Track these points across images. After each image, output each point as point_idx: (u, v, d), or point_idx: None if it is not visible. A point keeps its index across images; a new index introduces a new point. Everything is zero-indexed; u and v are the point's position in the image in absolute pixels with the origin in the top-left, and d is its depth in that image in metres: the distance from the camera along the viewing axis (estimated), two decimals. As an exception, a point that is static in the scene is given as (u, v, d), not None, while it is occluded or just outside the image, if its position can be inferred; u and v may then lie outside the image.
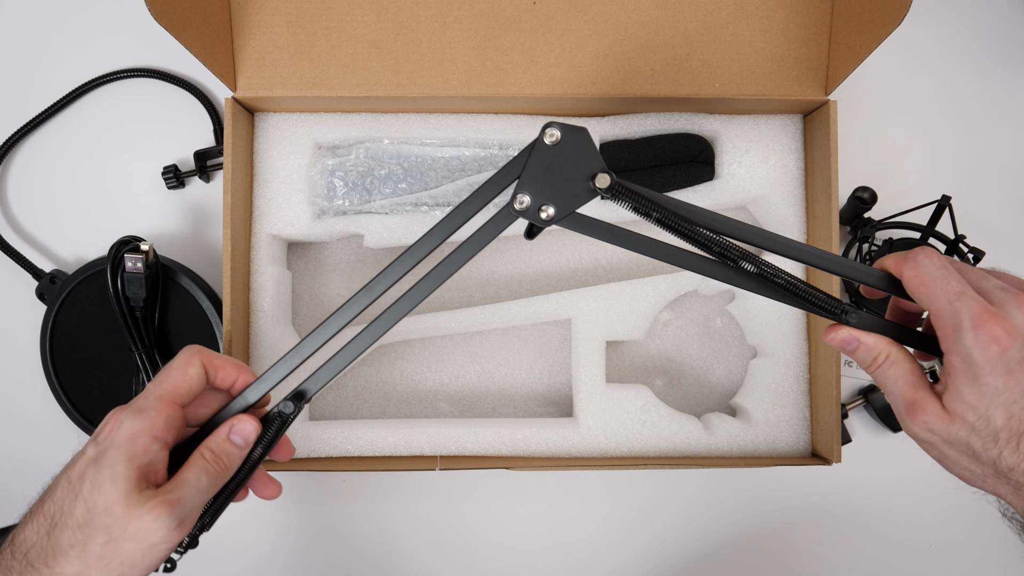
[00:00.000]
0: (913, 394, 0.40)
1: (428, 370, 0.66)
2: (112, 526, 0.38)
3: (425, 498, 0.66)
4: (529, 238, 0.49)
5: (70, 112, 0.67)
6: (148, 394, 0.42)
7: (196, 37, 0.53)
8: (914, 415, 0.39)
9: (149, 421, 0.40)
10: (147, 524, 0.38)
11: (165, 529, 0.38)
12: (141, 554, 0.38)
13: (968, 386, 0.37)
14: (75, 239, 0.66)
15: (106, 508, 0.38)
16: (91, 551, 0.38)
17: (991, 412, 0.37)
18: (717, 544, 0.67)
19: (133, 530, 0.38)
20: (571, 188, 0.43)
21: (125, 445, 0.39)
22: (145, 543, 0.38)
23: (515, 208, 0.44)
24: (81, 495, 0.39)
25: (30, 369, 0.65)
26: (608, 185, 0.43)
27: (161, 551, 0.39)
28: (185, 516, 0.39)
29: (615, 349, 0.66)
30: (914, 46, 0.67)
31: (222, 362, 0.44)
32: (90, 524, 0.38)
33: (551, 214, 0.43)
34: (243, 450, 0.43)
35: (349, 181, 0.61)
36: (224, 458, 0.42)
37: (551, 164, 0.43)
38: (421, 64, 0.59)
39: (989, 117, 0.67)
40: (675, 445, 0.61)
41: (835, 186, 0.57)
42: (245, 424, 0.43)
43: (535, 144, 0.43)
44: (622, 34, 0.59)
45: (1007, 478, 0.38)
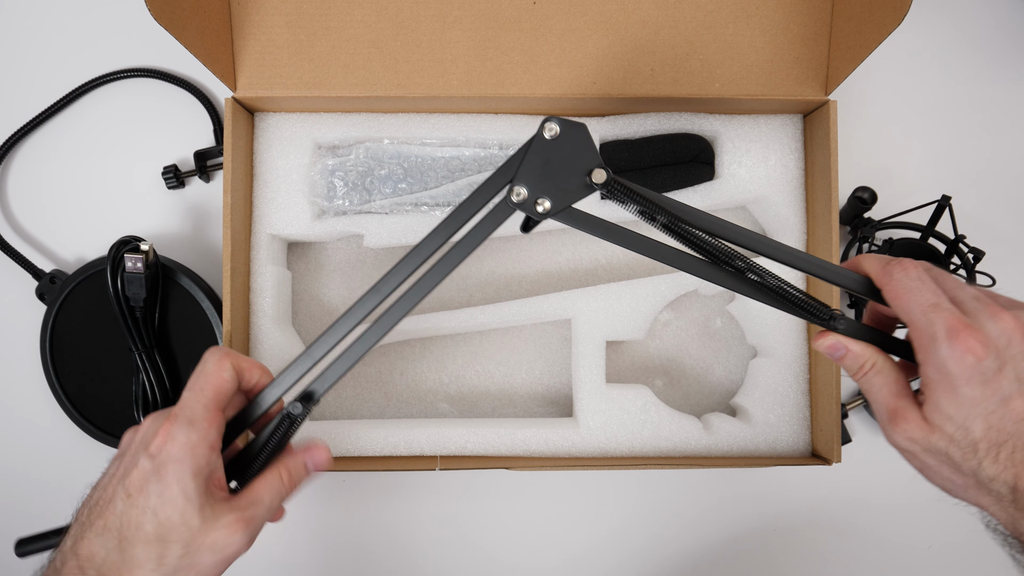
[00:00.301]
0: (895, 403, 0.40)
1: (428, 370, 0.66)
2: (190, 539, 0.39)
3: (425, 498, 0.66)
4: (525, 231, 0.49)
5: (70, 112, 0.67)
6: (193, 403, 0.42)
7: (196, 37, 0.53)
8: (895, 424, 0.40)
9: (203, 432, 0.41)
10: (224, 537, 0.40)
11: (240, 544, 0.40)
12: (215, 565, 0.40)
13: (945, 397, 0.38)
14: (75, 239, 0.66)
15: (182, 522, 0.39)
16: (168, 563, 0.39)
17: (969, 423, 0.37)
18: (717, 544, 0.67)
19: (210, 542, 0.39)
20: (568, 183, 0.44)
21: (187, 459, 0.40)
22: (221, 555, 0.40)
23: (512, 200, 0.44)
24: (149, 509, 0.39)
25: (30, 369, 0.65)
26: (604, 181, 0.43)
27: (231, 560, 0.41)
28: (255, 530, 0.42)
29: (615, 349, 0.66)
30: (914, 46, 0.67)
31: (248, 364, 0.45)
32: (166, 538, 0.39)
33: (547, 207, 0.44)
34: (311, 476, 0.45)
35: (349, 181, 0.61)
36: (298, 480, 0.44)
37: (549, 158, 0.44)
38: (421, 64, 0.59)
39: (989, 117, 0.67)
40: (675, 445, 0.61)
41: (835, 186, 0.57)
42: (321, 454, 0.46)
43: (534, 138, 0.44)
44: (622, 34, 0.59)
45: (988, 488, 0.38)
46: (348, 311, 0.45)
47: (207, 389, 0.42)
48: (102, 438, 0.62)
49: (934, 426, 0.38)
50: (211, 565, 0.40)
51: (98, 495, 0.42)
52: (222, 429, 0.42)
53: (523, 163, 0.44)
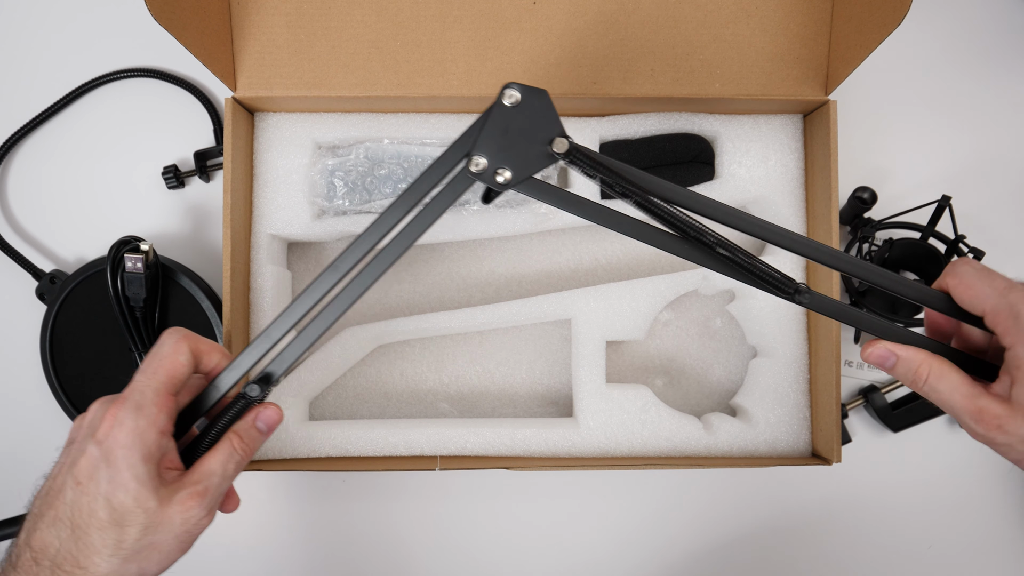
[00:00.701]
0: (975, 403, 0.39)
1: (428, 370, 0.66)
2: (146, 521, 0.39)
3: (425, 498, 0.66)
4: (486, 202, 0.48)
5: (70, 112, 0.67)
6: (143, 387, 0.41)
7: (196, 37, 0.53)
8: (985, 424, 0.38)
9: (151, 418, 0.40)
10: (180, 513, 0.40)
11: (197, 517, 0.40)
12: (177, 541, 0.40)
13: None
14: (75, 239, 0.66)
15: (136, 505, 0.39)
16: (127, 547, 0.39)
17: None
18: (717, 544, 0.67)
19: (167, 521, 0.39)
20: (529, 152, 0.42)
21: (136, 445, 0.39)
22: (180, 530, 0.40)
23: (471, 171, 0.42)
24: (101, 496, 0.39)
25: (30, 369, 0.65)
26: (566, 150, 0.42)
27: (195, 535, 0.41)
28: (213, 502, 0.41)
29: (615, 349, 0.66)
30: (914, 46, 0.67)
31: (208, 347, 0.44)
32: (121, 522, 0.39)
33: (508, 178, 0.42)
34: (265, 435, 0.45)
35: (349, 181, 0.61)
36: (251, 444, 0.44)
37: (509, 127, 0.42)
38: (421, 64, 0.59)
39: (989, 117, 0.67)
40: (675, 445, 0.61)
41: (835, 186, 0.57)
42: (271, 412, 0.45)
43: (493, 105, 0.42)
44: (622, 34, 0.59)
45: None
46: (306, 289, 0.44)
47: (159, 372, 0.42)
48: (102, 438, 0.62)
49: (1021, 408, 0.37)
50: (172, 542, 0.40)
51: (48, 485, 0.41)
52: (172, 413, 0.42)
53: (483, 132, 0.42)
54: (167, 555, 0.40)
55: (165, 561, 0.40)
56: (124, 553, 0.39)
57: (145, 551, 0.39)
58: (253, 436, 0.44)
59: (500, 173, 0.42)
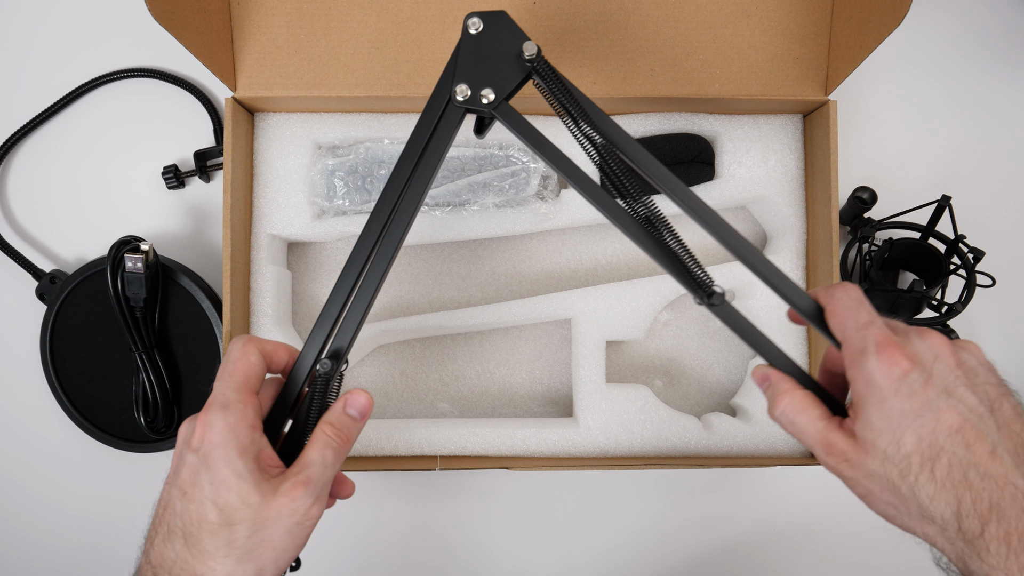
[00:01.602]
0: (826, 436, 0.39)
1: (428, 370, 0.66)
2: (254, 517, 0.38)
3: (425, 498, 0.66)
4: (479, 135, 0.50)
5: (70, 112, 0.67)
6: (224, 389, 0.41)
7: (196, 37, 0.53)
8: (832, 453, 0.39)
9: (240, 414, 0.40)
10: (286, 504, 0.39)
11: (304, 507, 0.39)
12: (289, 535, 0.39)
13: (874, 410, 0.37)
14: (75, 239, 0.66)
15: (241, 502, 0.38)
16: (238, 546, 0.38)
17: (900, 435, 0.36)
18: (717, 544, 0.67)
19: (275, 515, 0.39)
20: (503, 68, 0.45)
21: (229, 442, 0.39)
22: (290, 523, 0.39)
23: (458, 101, 0.45)
24: (207, 500, 0.39)
25: (30, 369, 0.65)
26: (535, 53, 0.44)
27: (306, 528, 0.40)
28: (320, 492, 0.40)
29: (615, 349, 0.66)
30: (914, 46, 0.67)
31: (274, 347, 0.44)
32: (230, 521, 0.38)
33: (492, 98, 0.45)
34: (359, 422, 0.44)
35: (349, 181, 0.61)
36: (344, 430, 0.43)
37: (480, 52, 0.45)
38: (421, 64, 0.59)
39: (989, 117, 0.67)
40: (675, 445, 0.61)
41: (835, 186, 0.57)
42: (359, 396, 0.44)
43: (461, 37, 0.45)
44: (622, 34, 0.59)
45: (931, 516, 0.36)
46: (348, 262, 0.45)
47: (236, 374, 0.42)
48: (102, 438, 0.62)
49: (867, 444, 0.37)
50: (283, 536, 0.39)
51: (159, 505, 0.42)
52: (259, 409, 0.42)
53: (458, 62, 0.45)
54: (281, 551, 0.39)
55: (280, 559, 0.39)
56: (237, 553, 0.38)
57: (258, 549, 0.39)
58: (345, 422, 0.43)
59: (484, 95, 0.45)
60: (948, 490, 0.36)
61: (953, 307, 0.59)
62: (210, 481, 0.39)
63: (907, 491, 0.37)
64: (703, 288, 0.43)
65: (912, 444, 0.36)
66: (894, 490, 0.37)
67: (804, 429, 0.40)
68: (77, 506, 0.66)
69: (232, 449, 0.39)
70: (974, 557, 0.35)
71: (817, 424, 0.40)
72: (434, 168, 0.45)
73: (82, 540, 0.66)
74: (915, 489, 0.36)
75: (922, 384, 0.37)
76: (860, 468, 0.38)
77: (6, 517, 0.66)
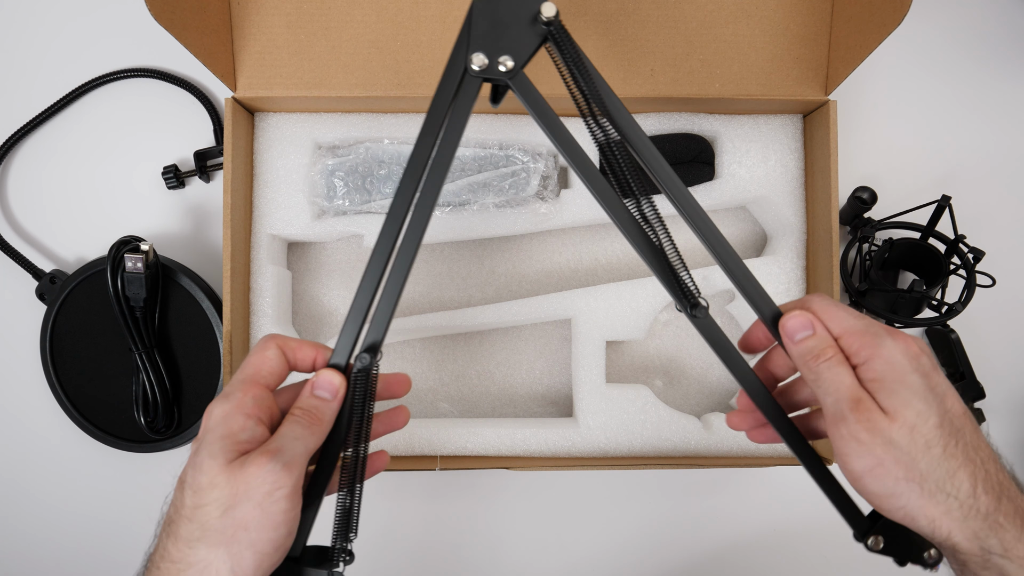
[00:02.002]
0: (859, 392, 0.39)
1: (428, 370, 0.66)
2: (221, 496, 0.37)
3: (425, 498, 0.66)
4: (495, 103, 0.48)
5: (70, 112, 0.67)
6: (232, 382, 0.42)
7: (196, 37, 0.53)
8: (859, 411, 0.38)
9: (236, 401, 0.40)
10: (253, 476, 0.37)
11: (272, 473, 0.37)
12: (260, 509, 0.37)
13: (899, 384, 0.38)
14: (75, 239, 0.66)
15: (211, 483, 0.37)
16: (211, 528, 0.37)
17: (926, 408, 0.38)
18: (717, 544, 0.67)
19: (243, 489, 0.37)
20: (520, 34, 0.43)
21: (219, 426, 0.39)
22: (259, 495, 0.37)
23: (475, 69, 0.43)
24: (187, 485, 0.38)
25: (30, 369, 0.65)
26: (554, 14, 0.42)
27: (278, 499, 0.38)
28: (289, 459, 0.38)
29: (615, 349, 0.66)
30: (914, 46, 0.67)
31: (298, 344, 0.44)
32: (201, 505, 0.37)
33: (510, 66, 0.43)
34: (331, 402, 0.42)
35: (349, 181, 0.61)
36: (313, 411, 0.41)
37: (494, 18, 0.43)
38: (421, 64, 0.59)
39: (989, 117, 0.67)
40: (675, 445, 0.61)
41: (835, 186, 0.57)
42: (324, 375, 0.43)
43: (472, 3, 0.43)
44: (622, 34, 0.59)
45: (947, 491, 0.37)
46: (374, 251, 0.44)
47: (246, 367, 0.42)
48: (102, 438, 0.62)
49: (894, 413, 0.38)
50: (255, 512, 0.37)
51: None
52: (262, 400, 0.41)
53: (471, 30, 0.43)
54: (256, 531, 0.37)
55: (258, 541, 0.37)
56: (211, 537, 0.37)
57: (230, 530, 0.37)
58: (312, 404, 0.42)
59: (502, 63, 0.43)
60: (966, 466, 0.37)
61: (953, 307, 0.59)
62: (193, 466, 0.39)
63: (926, 465, 0.37)
64: (688, 299, 0.43)
65: (937, 418, 0.38)
66: (910, 463, 0.37)
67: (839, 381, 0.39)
68: (77, 506, 0.66)
69: (218, 434, 0.39)
70: (990, 535, 0.37)
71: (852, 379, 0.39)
72: (454, 145, 0.44)
73: (82, 540, 0.66)
74: (938, 462, 0.37)
75: (932, 368, 0.39)
76: (880, 435, 0.37)
77: (6, 517, 0.66)
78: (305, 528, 0.42)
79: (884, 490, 0.38)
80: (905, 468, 0.37)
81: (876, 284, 0.61)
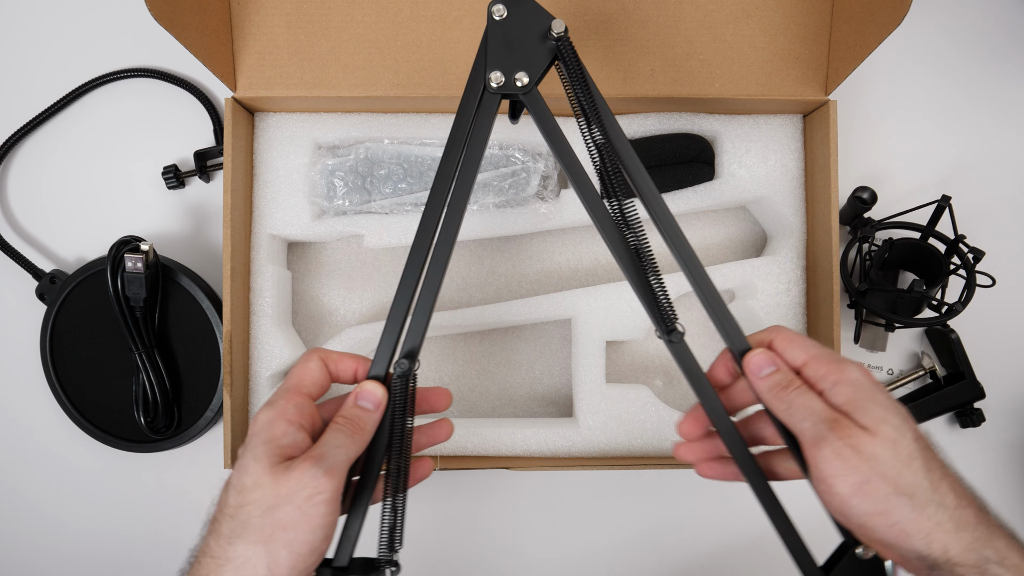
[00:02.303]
0: (834, 412, 0.39)
1: (429, 370, 0.66)
2: (263, 497, 0.39)
3: (425, 498, 0.66)
4: (514, 120, 0.50)
5: (70, 112, 0.67)
6: (276, 391, 0.44)
7: (196, 37, 0.53)
8: (839, 429, 0.38)
9: (279, 408, 0.42)
10: (296, 480, 0.39)
11: (314, 478, 0.39)
12: (300, 512, 0.38)
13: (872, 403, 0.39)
14: (75, 239, 0.66)
15: (255, 484, 0.39)
16: (251, 527, 0.38)
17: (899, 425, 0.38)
18: (718, 544, 0.67)
19: (285, 492, 0.38)
20: (533, 50, 0.46)
21: (263, 432, 0.41)
22: (300, 498, 0.38)
23: (492, 87, 0.45)
24: (232, 486, 0.40)
25: (30, 369, 0.65)
26: (563, 30, 0.44)
27: (318, 503, 0.39)
28: (331, 466, 0.40)
29: (615, 349, 0.66)
30: (914, 46, 0.67)
31: (339, 356, 0.46)
32: (243, 504, 0.39)
33: (525, 81, 0.45)
34: (372, 412, 0.44)
35: (349, 181, 0.61)
36: (356, 420, 0.43)
37: (508, 38, 0.46)
38: (421, 64, 0.59)
39: (989, 117, 0.67)
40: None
41: (835, 186, 0.57)
42: (367, 387, 0.44)
43: (488, 25, 0.46)
44: (622, 34, 0.59)
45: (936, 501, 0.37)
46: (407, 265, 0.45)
47: (290, 379, 0.44)
48: (102, 438, 0.62)
49: (874, 430, 0.38)
50: (295, 514, 0.38)
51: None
52: (304, 408, 0.42)
53: (488, 49, 0.45)
54: (295, 532, 0.38)
55: (295, 541, 0.38)
56: (251, 535, 0.38)
57: (269, 529, 0.38)
58: (356, 413, 0.43)
59: (518, 79, 0.45)
60: (946, 478, 0.38)
61: (953, 307, 0.59)
62: (238, 469, 0.40)
63: (912, 477, 0.37)
64: (666, 323, 0.45)
65: (913, 432, 0.38)
66: (897, 477, 0.37)
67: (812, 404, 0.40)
68: (77, 506, 0.66)
69: (261, 438, 0.40)
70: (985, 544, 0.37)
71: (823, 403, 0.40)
72: (478, 159, 0.46)
73: (82, 540, 0.66)
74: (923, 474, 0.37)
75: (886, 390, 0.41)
76: (863, 450, 0.37)
77: (6, 517, 0.66)
78: (351, 537, 0.44)
79: (875, 508, 0.37)
80: (892, 483, 0.37)
81: (876, 284, 0.61)
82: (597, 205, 0.45)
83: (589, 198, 0.45)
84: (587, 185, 0.45)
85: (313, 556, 0.39)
